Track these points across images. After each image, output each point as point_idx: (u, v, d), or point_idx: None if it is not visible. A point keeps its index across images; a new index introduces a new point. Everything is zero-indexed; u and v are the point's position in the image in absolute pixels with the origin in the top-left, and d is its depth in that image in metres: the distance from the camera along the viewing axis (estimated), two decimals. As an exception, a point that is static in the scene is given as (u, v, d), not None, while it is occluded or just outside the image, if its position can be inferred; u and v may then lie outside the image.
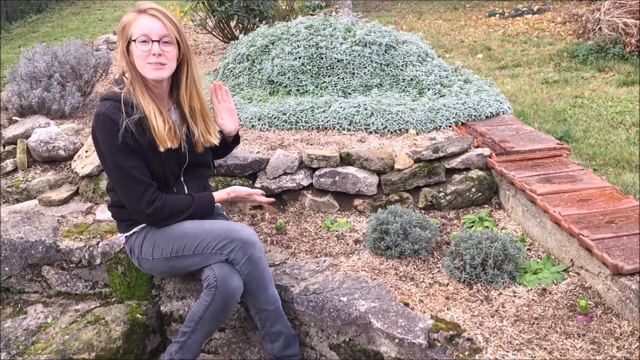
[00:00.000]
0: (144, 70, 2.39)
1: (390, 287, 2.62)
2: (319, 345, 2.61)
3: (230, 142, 2.88)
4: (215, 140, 2.62)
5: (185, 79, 2.50)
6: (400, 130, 3.73)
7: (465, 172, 3.35)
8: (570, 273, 2.66)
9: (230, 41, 6.34)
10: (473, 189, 3.30)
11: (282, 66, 4.26)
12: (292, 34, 4.44)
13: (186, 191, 2.60)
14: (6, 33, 11.97)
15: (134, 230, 2.59)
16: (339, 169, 3.31)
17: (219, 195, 2.66)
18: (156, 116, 2.40)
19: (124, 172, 2.40)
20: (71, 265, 2.98)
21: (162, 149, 2.42)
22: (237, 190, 2.74)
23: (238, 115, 3.95)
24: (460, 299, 2.54)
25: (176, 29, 2.40)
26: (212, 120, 2.64)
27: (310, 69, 4.24)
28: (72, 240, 3.01)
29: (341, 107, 3.85)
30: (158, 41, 2.36)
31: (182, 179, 2.60)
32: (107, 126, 2.37)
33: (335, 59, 4.24)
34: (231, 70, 4.61)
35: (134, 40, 2.36)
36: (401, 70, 4.29)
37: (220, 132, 2.78)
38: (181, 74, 2.49)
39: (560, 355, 2.18)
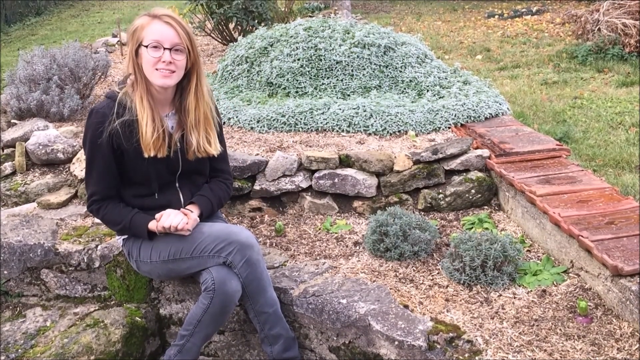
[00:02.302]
0: (152, 76, 2.38)
1: (390, 289, 2.61)
2: (319, 347, 2.61)
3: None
4: (214, 151, 2.58)
5: (194, 87, 2.48)
6: (399, 131, 3.72)
7: (464, 174, 3.35)
8: (570, 274, 2.65)
9: (229, 43, 6.34)
10: (472, 191, 3.29)
11: (281, 68, 4.26)
12: (291, 36, 4.44)
13: (181, 197, 2.59)
14: (5, 36, 11.97)
15: (132, 232, 2.59)
16: (338, 171, 3.31)
17: (151, 225, 2.48)
18: (147, 123, 2.39)
19: (87, 168, 2.49)
20: (70, 269, 2.97)
21: (146, 155, 2.43)
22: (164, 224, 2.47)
23: (237, 117, 3.96)
24: (460, 300, 2.53)
25: (188, 37, 2.39)
26: (214, 130, 2.59)
27: (309, 71, 4.24)
28: (71, 244, 3.00)
29: (340, 109, 3.85)
30: (170, 49, 2.35)
31: (177, 185, 2.59)
32: (96, 122, 2.41)
33: (334, 60, 4.24)
34: (230, 73, 4.61)
35: (145, 46, 2.35)
36: (400, 71, 4.28)
37: None
38: (190, 82, 2.48)
39: (561, 357, 2.17)
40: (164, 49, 2.34)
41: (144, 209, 2.52)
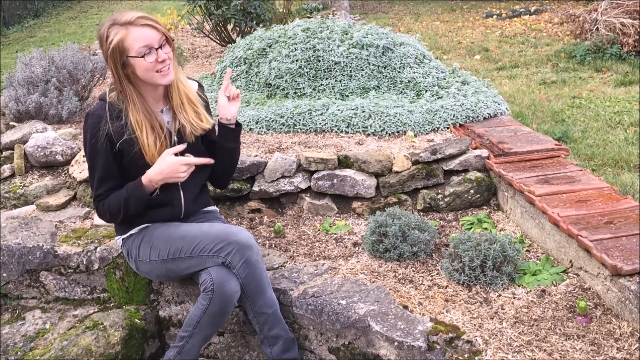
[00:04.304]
0: (155, 79, 2.38)
1: (389, 289, 2.61)
2: (318, 348, 2.61)
3: (226, 132, 2.67)
4: (207, 124, 2.56)
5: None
6: (398, 132, 3.72)
7: (463, 174, 3.35)
8: (569, 274, 2.65)
9: (227, 44, 6.34)
10: (471, 191, 3.30)
11: (279, 69, 4.26)
12: (289, 37, 4.44)
13: (182, 195, 2.60)
14: (3, 38, 11.97)
15: (131, 232, 2.59)
16: (337, 172, 3.31)
17: (145, 178, 2.44)
18: (147, 135, 2.40)
19: (89, 172, 2.50)
20: (69, 271, 2.97)
21: (150, 162, 2.44)
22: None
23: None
24: (460, 301, 2.53)
25: (163, 28, 2.39)
26: (200, 104, 2.57)
27: (307, 72, 4.24)
28: (70, 246, 3.00)
29: (339, 110, 3.85)
30: (160, 47, 2.35)
31: (179, 183, 2.59)
32: (92, 123, 2.42)
33: (333, 61, 4.24)
34: (228, 74, 4.60)
35: (136, 56, 2.31)
36: (399, 72, 4.29)
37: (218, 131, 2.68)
38: None
39: (560, 357, 2.17)
40: (156, 49, 2.34)
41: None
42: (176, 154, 2.43)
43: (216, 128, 2.70)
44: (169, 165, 2.40)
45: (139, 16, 2.34)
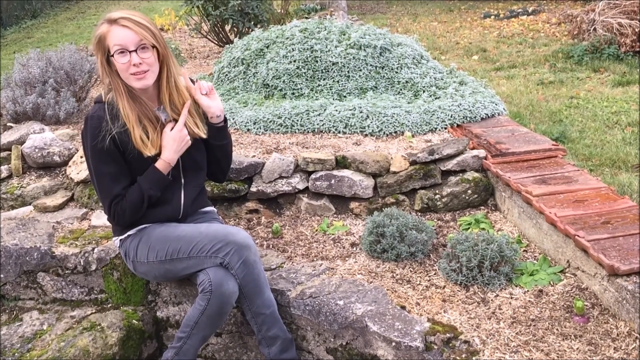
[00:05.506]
0: (129, 81, 2.39)
1: (387, 290, 2.61)
2: (316, 349, 2.61)
3: (217, 131, 2.66)
4: (202, 133, 2.57)
5: (165, 80, 2.46)
6: (395, 132, 3.73)
7: (461, 174, 3.35)
8: (566, 274, 2.65)
9: (225, 45, 6.35)
10: (469, 191, 3.30)
11: (277, 70, 4.26)
12: (287, 38, 4.44)
13: (182, 195, 2.60)
14: (1, 39, 11.95)
15: (129, 233, 2.58)
16: (335, 172, 3.31)
17: (159, 163, 2.48)
18: (134, 127, 2.40)
19: (96, 176, 2.46)
20: (67, 272, 2.97)
21: (146, 155, 2.43)
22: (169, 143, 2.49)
23: (233, 119, 3.96)
24: (457, 301, 2.53)
25: (150, 33, 2.36)
26: (195, 113, 2.57)
27: (305, 73, 4.24)
28: (67, 247, 3.00)
29: (336, 110, 3.85)
30: (135, 50, 2.33)
31: (182, 180, 2.59)
32: (92, 127, 2.41)
33: (330, 62, 4.24)
34: (226, 74, 4.61)
35: (112, 54, 2.35)
36: (396, 72, 4.29)
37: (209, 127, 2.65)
38: (161, 74, 2.45)
39: (557, 357, 2.17)
40: (130, 52, 2.33)
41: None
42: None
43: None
44: (174, 139, 2.47)
45: (123, 16, 2.35)
